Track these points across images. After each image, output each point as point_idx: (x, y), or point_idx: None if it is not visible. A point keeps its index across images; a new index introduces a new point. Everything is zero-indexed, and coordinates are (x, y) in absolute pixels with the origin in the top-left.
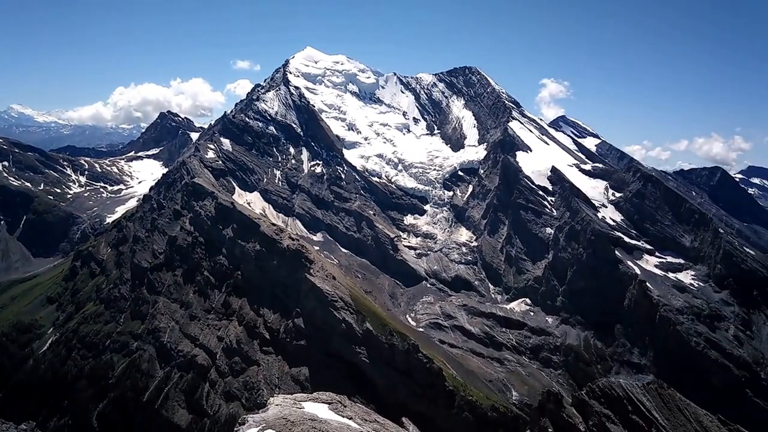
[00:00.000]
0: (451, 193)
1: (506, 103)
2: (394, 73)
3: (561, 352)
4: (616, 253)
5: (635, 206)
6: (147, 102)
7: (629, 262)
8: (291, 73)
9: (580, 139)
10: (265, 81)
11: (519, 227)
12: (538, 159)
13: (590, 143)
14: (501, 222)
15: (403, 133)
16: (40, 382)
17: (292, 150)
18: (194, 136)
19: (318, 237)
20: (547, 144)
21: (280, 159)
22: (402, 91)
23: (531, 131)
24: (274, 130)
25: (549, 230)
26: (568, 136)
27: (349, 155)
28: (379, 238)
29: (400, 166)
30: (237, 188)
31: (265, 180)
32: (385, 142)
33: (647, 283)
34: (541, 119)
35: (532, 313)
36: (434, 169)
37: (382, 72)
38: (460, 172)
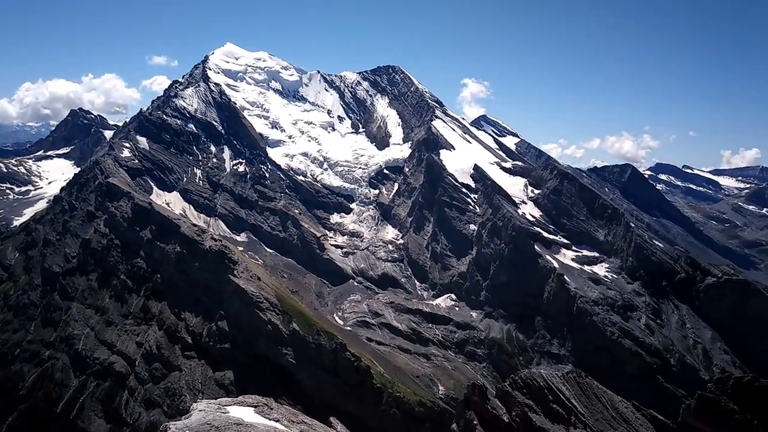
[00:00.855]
0: (377, 192)
1: (429, 102)
2: (318, 71)
3: (485, 345)
4: (536, 247)
5: (553, 202)
6: (56, 98)
7: (548, 257)
8: (211, 70)
9: (500, 138)
10: (184, 77)
11: (444, 224)
12: (461, 157)
13: (510, 142)
14: (426, 219)
15: (328, 132)
16: None
17: (213, 148)
18: (108, 134)
19: (242, 237)
20: (470, 142)
21: (200, 158)
22: (326, 90)
23: (454, 130)
24: (194, 128)
25: (472, 227)
26: (489, 134)
27: (273, 154)
28: (305, 238)
29: (326, 165)
30: (155, 188)
31: (185, 179)
32: (309, 141)
33: (565, 276)
34: (463, 118)
35: (457, 308)
36: (360, 168)
37: (306, 70)
38: (386, 171)
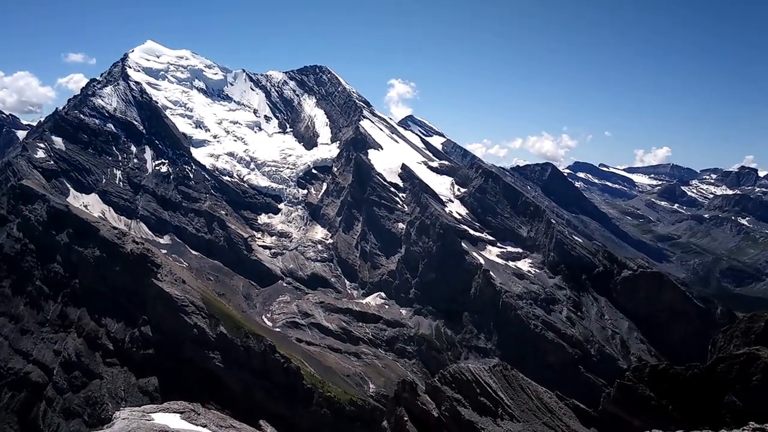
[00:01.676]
0: (306, 192)
1: (357, 102)
2: (243, 70)
3: (414, 342)
4: (463, 245)
5: (478, 200)
6: None
7: (474, 253)
8: (131, 68)
9: (427, 138)
10: (102, 76)
11: (373, 223)
12: (389, 157)
13: (437, 141)
14: (355, 219)
15: (255, 131)
16: None
17: (134, 148)
18: (21, 135)
19: (165, 240)
20: (397, 142)
21: (120, 158)
22: (252, 89)
23: (382, 130)
24: (113, 128)
25: (401, 225)
26: (416, 134)
27: (198, 154)
28: (232, 239)
29: (253, 165)
30: (72, 190)
31: (105, 181)
32: (235, 140)
33: (491, 272)
34: (390, 118)
35: (387, 306)
36: (288, 168)
37: (231, 69)
38: (314, 170)
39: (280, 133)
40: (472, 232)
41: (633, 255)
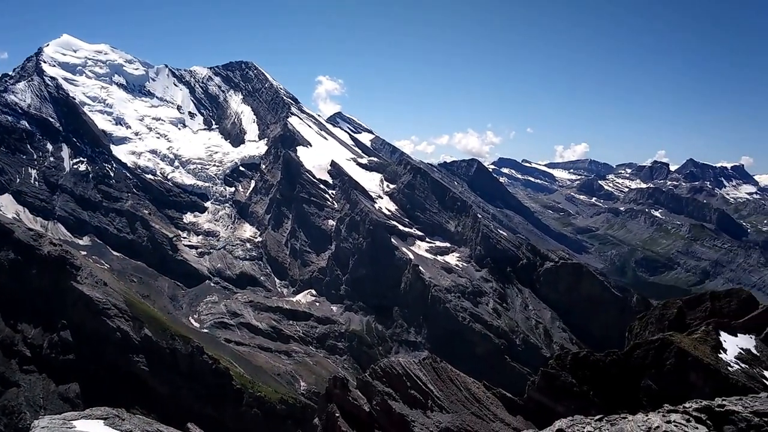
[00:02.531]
0: (233, 189)
1: (285, 98)
2: (166, 66)
3: (345, 338)
4: (392, 240)
5: (407, 196)
6: None
7: (404, 249)
8: (45, 62)
9: (356, 135)
10: (15, 70)
11: (302, 221)
12: (318, 154)
13: (365, 138)
14: (285, 216)
15: (179, 128)
16: None
17: (50, 146)
18: None
19: (85, 241)
20: (326, 139)
21: (35, 157)
22: (175, 84)
23: (310, 126)
24: (27, 125)
25: (331, 222)
26: (345, 131)
27: (118, 151)
28: (156, 239)
29: (177, 162)
30: None
31: (18, 180)
32: (158, 138)
33: (420, 267)
34: (319, 115)
35: (318, 304)
36: (214, 165)
37: (152, 64)
38: (242, 168)
39: (205, 129)
40: (401, 227)
41: (554, 247)
